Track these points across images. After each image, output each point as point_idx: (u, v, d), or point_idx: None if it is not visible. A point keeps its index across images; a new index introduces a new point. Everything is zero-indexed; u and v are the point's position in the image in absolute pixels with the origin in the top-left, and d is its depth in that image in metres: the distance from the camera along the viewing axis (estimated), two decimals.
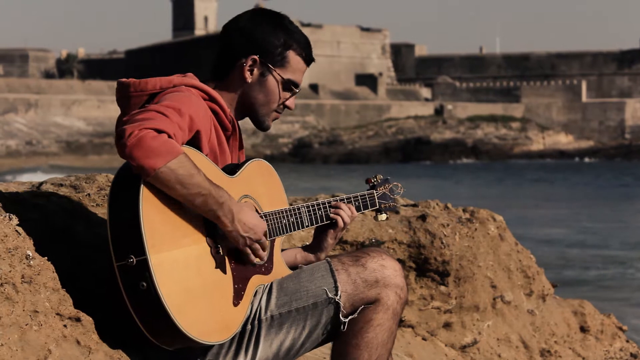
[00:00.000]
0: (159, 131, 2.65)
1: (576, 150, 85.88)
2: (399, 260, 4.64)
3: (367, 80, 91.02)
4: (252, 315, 2.89)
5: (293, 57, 3.03)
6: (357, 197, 3.29)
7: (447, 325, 4.80)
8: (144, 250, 2.63)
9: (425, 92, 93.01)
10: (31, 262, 2.73)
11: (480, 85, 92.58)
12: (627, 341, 5.64)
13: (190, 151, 2.77)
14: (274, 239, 3.02)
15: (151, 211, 2.67)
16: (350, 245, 4.58)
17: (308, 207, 3.12)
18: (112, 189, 2.71)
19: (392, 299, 2.95)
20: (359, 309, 2.93)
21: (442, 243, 4.68)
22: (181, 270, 2.71)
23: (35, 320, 2.65)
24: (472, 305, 4.83)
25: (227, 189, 2.79)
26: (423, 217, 4.76)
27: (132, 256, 2.64)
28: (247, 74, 3.01)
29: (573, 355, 5.25)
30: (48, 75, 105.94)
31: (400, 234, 4.69)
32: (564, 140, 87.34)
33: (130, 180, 2.68)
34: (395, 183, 3.42)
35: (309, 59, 3.07)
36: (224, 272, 2.80)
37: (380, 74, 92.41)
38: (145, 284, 2.63)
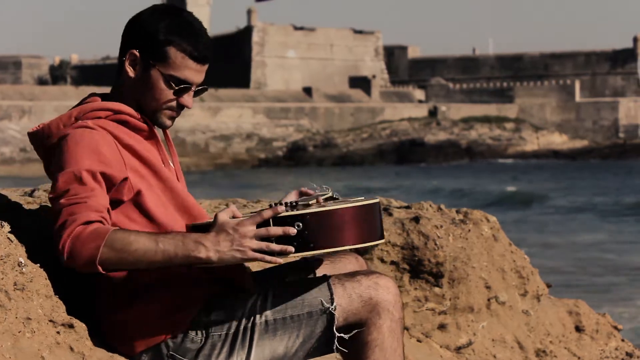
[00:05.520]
0: (87, 223, 2.64)
1: (570, 150, 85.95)
2: (393, 263, 4.65)
3: (361, 83, 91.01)
4: (246, 313, 2.88)
5: (174, 53, 2.91)
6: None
7: (441, 327, 4.80)
8: None
9: (419, 94, 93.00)
10: (24, 269, 2.73)
11: (473, 87, 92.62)
12: (623, 340, 5.64)
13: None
14: None
15: None
16: None
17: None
18: None
19: (384, 317, 2.91)
20: (355, 332, 2.89)
21: (435, 244, 4.68)
22: None
23: (28, 327, 2.65)
24: (466, 306, 4.83)
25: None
26: (416, 219, 4.76)
27: None
28: (129, 69, 2.93)
29: (568, 354, 5.25)
30: (41, 81, 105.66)
31: (393, 235, 4.69)
32: (558, 140, 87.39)
33: None
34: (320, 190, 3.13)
35: (197, 56, 2.94)
36: None
37: (374, 77, 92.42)
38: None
